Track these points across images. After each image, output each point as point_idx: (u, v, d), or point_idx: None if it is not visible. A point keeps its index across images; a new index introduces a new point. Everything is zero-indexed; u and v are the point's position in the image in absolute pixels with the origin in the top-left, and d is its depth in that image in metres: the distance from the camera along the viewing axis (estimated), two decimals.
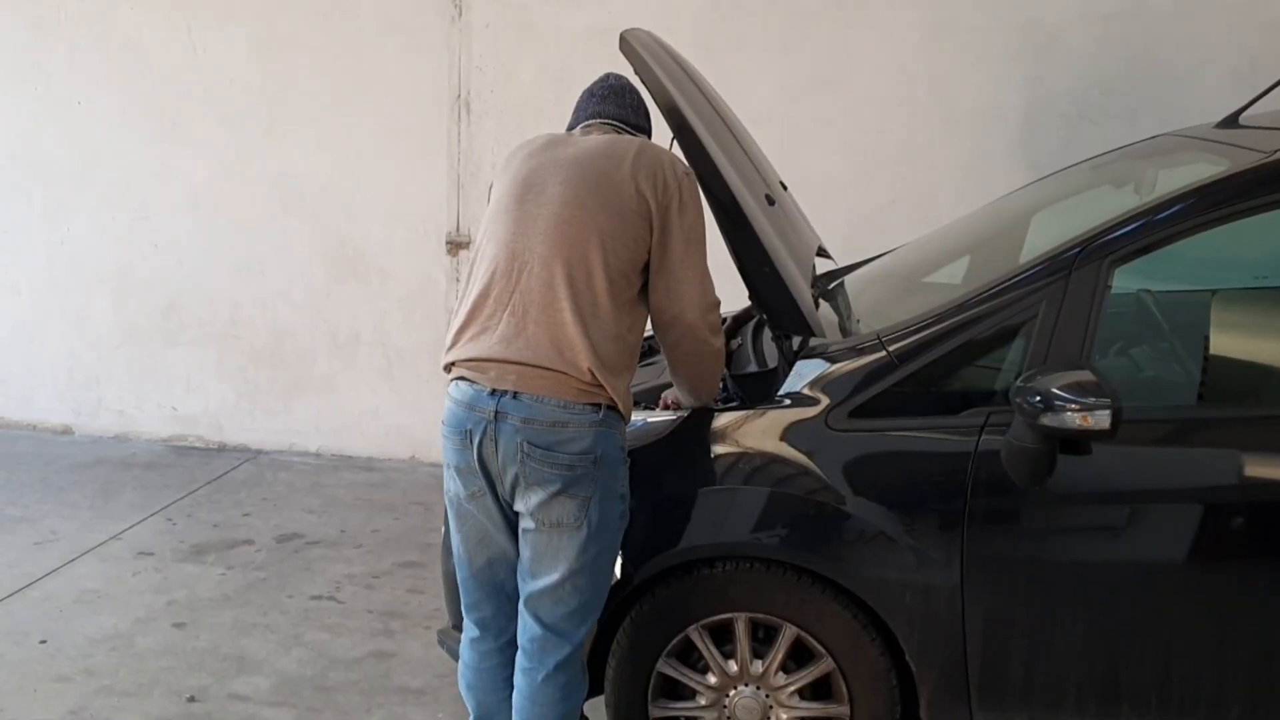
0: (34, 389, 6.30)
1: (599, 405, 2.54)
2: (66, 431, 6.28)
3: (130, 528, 4.93)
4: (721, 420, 2.88)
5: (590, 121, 2.80)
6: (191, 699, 3.59)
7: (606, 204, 2.55)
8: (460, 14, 5.47)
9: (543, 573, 2.61)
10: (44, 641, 3.93)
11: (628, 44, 2.87)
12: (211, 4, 5.73)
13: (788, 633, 2.80)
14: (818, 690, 2.86)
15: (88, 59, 5.91)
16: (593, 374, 2.50)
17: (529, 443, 2.50)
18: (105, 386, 6.22)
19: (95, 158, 5.99)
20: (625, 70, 2.88)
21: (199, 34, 5.76)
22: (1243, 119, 3.44)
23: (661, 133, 2.82)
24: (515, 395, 2.51)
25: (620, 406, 2.58)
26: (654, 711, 2.94)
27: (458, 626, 3.08)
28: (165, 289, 6.05)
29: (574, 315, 2.50)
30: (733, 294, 3.04)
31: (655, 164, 2.60)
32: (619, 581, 2.80)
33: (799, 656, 2.84)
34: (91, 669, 3.76)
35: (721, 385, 3.12)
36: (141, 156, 5.93)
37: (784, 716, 2.87)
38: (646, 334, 2.78)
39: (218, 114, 5.81)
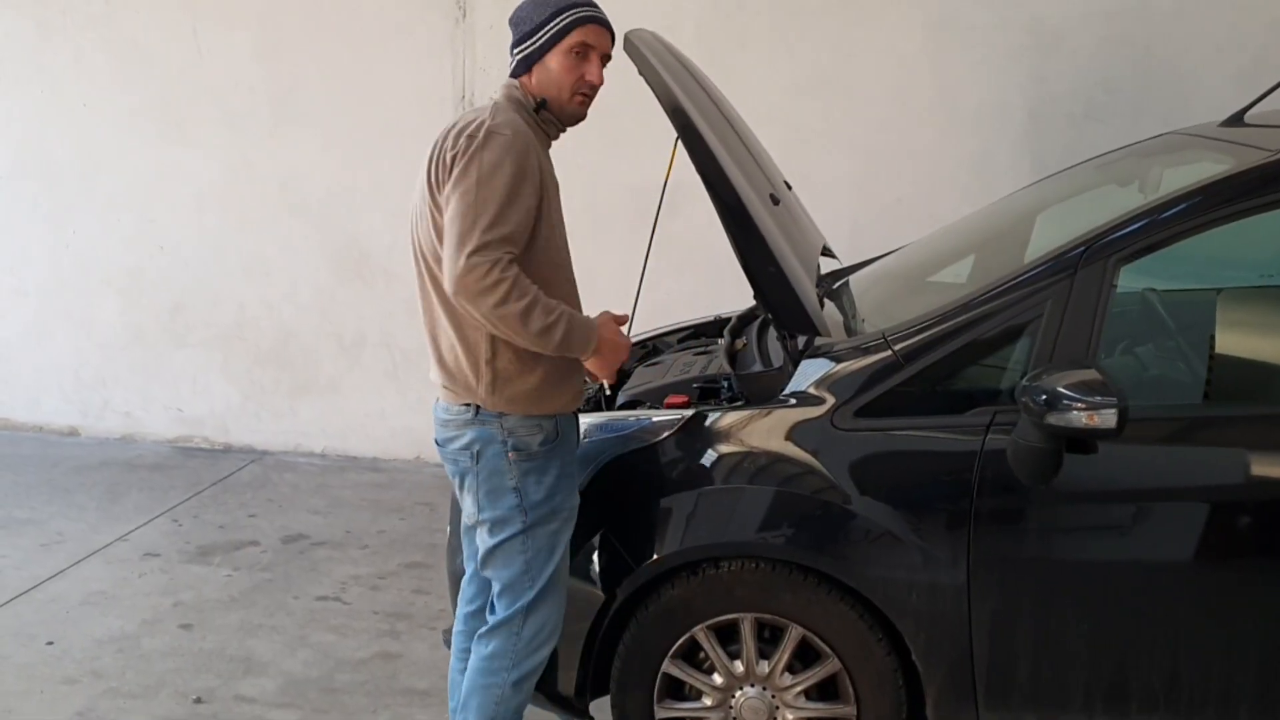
0: (41, 391, 6.32)
1: (469, 405, 2.67)
2: (73, 433, 6.30)
3: (136, 529, 4.94)
4: (727, 419, 2.88)
5: None
6: (198, 700, 3.60)
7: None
8: (464, 16, 5.47)
9: (471, 556, 2.91)
10: (51, 643, 3.94)
11: (632, 44, 2.87)
12: (217, 6, 5.74)
13: (794, 633, 2.80)
14: (824, 690, 2.86)
15: (93, 61, 5.92)
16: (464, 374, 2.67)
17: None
18: (111, 388, 6.23)
19: (101, 160, 6.00)
20: (628, 70, 2.88)
21: (204, 36, 5.77)
22: (1247, 117, 3.43)
23: (666, 132, 2.82)
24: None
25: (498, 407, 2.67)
26: (659, 712, 2.94)
27: None
28: (171, 290, 6.06)
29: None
30: (738, 293, 3.04)
31: (454, 133, 2.60)
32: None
33: (805, 657, 2.84)
34: (98, 670, 3.77)
35: (726, 384, 3.13)
36: (147, 158, 5.94)
37: (790, 717, 2.87)
38: (652, 334, 2.80)
39: (223, 116, 5.82)
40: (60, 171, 6.06)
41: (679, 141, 2.83)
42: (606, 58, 2.71)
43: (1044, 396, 2.43)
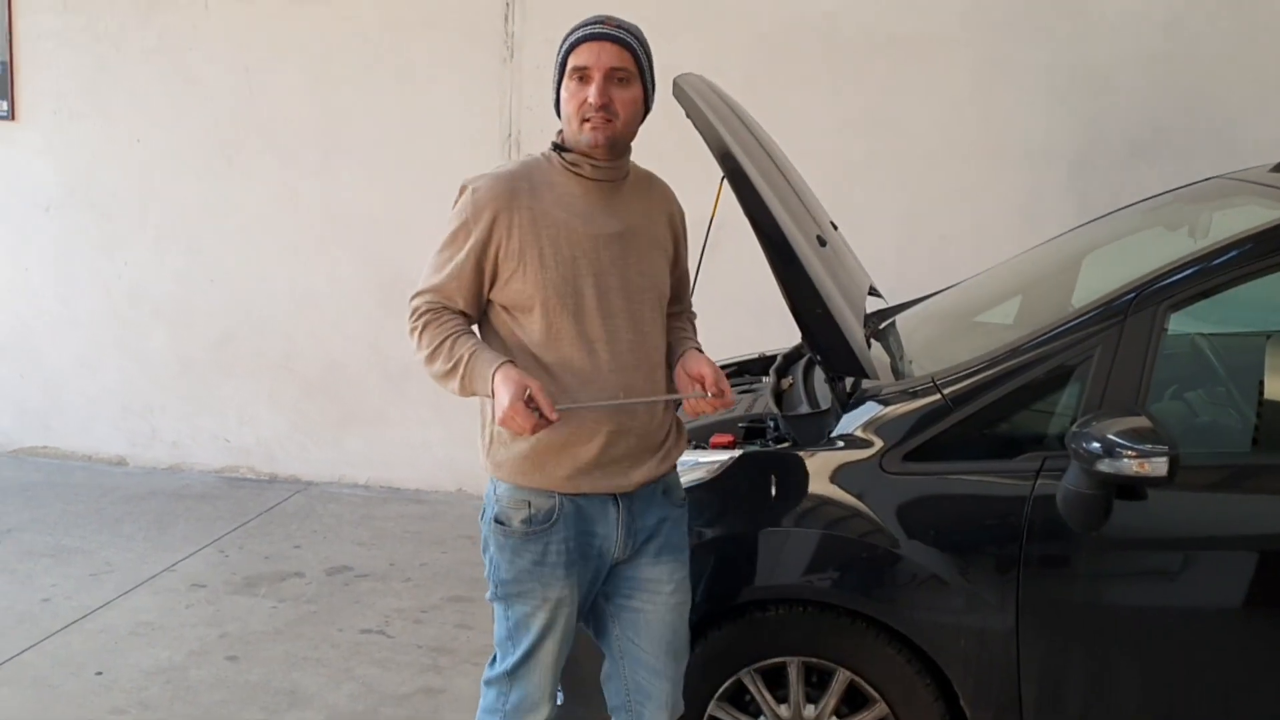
0: (90, 420, 6.40)
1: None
2: (121, 462, 6.37)
3: (184, 559, 4.99)
4: (773, 460, 2.89)
5: None
6: None
7: None
8: (511, 55, 5.53)
9: None
10: (100, 673, 3.98)
11: (680, 89, 2.88)
12: (269, 43, 5.84)
13: (841, 677, 2.79)
14: None
15: (147, 96, 6.03)
16: None
17: None
18: (160, 418, 6.31)
19: (153, 192, 6.10)
20: (677, 114, 2.90)
21: (256, 72, 5.87)
22: None
23: (710, 167, 2.82)
24: None
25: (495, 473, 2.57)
26: None
27: None
28: (220, 321, 6.14)
29: None
30: (783, 330, 3.04)
31: None
32: None
33: (853, 701, 2.83)
34: (146, 701, 3.80)
35: (773, 424, 3.14)
36: (198, 191, 6.03)
37: None
38: None
39: (273, 150, 5.91)
40: (113, 203, 6.16)
41: (724, 181, 2.85)
42: (621, 73, 2.46)
43: (1095, 443, 2.43)
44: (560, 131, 2.55)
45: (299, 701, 3.82)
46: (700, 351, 2.64)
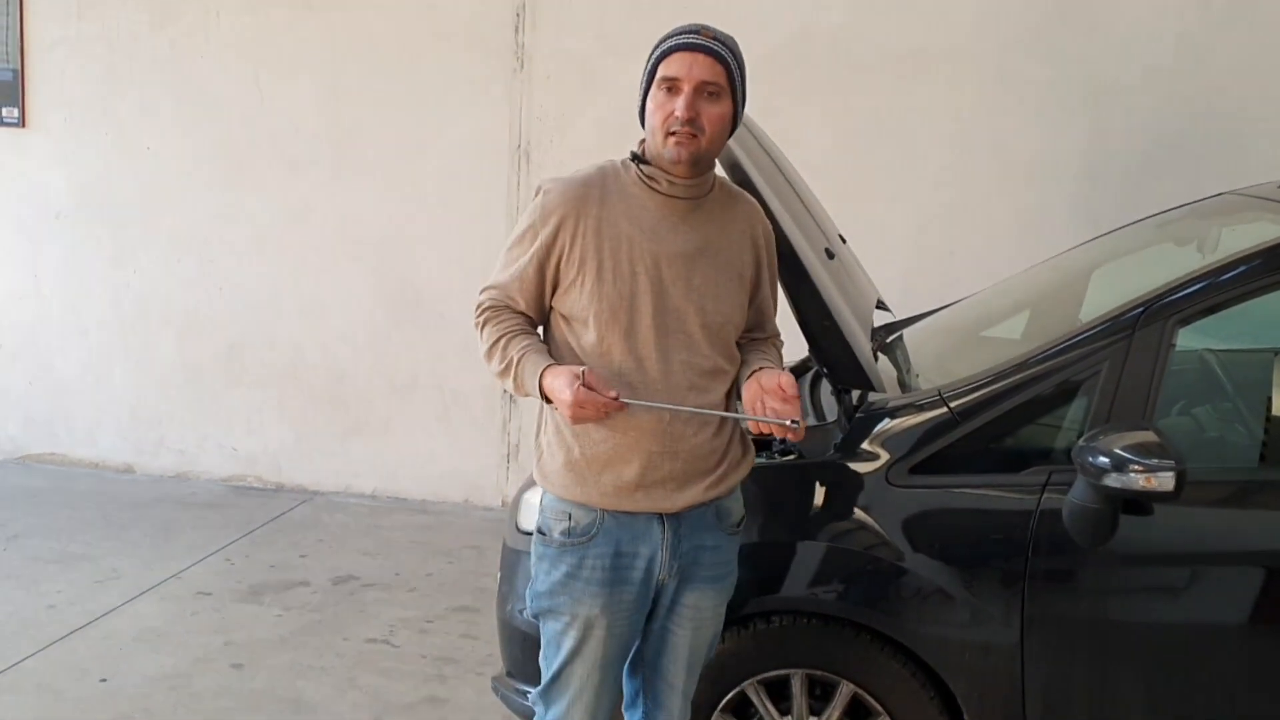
0: (98, 427, 6.41)
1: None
2: (128, 470, 6.38)
3: (190, 567, 4.99)
4: (778, 472, 2.89)
5: None
6: None
7: None
8: (522, 66, 5.54)
9: None
10: (104, 680, 3.98)
11: None
12: (280, 54, 5.86)
13: (845, 690, 2.79)
14: None
15: (159, 105, 6.05)
16: None
17: None
18: (167, 426, 6.32)
19: (163, 201, 6.11)
20: None
21: (267, 83, 5.89)
22: None
23: None
24: None
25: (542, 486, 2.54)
26: None
27: (511, 674, 3.09)
28: (228, 330, 6.15)
29: None
30: (793, 346, 3.04)
31: None
32: None
33: (856, 714, 2.83)
34: (150, 709, 3.80)
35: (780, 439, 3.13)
36: (208, 201, 6.05)
37: None
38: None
39: (284, 160, 5.93)
40: (123, 212, 6.18)
41: None
42: (712, 87, 2.35)
43: (1101, 458, 2.42)
44: (642, 141, 2.46)
45: (303, 710, 3.82)
46: (778, 369, 2.50)
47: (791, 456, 2.95)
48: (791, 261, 2.79)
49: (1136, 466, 2.39)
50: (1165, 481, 2.39)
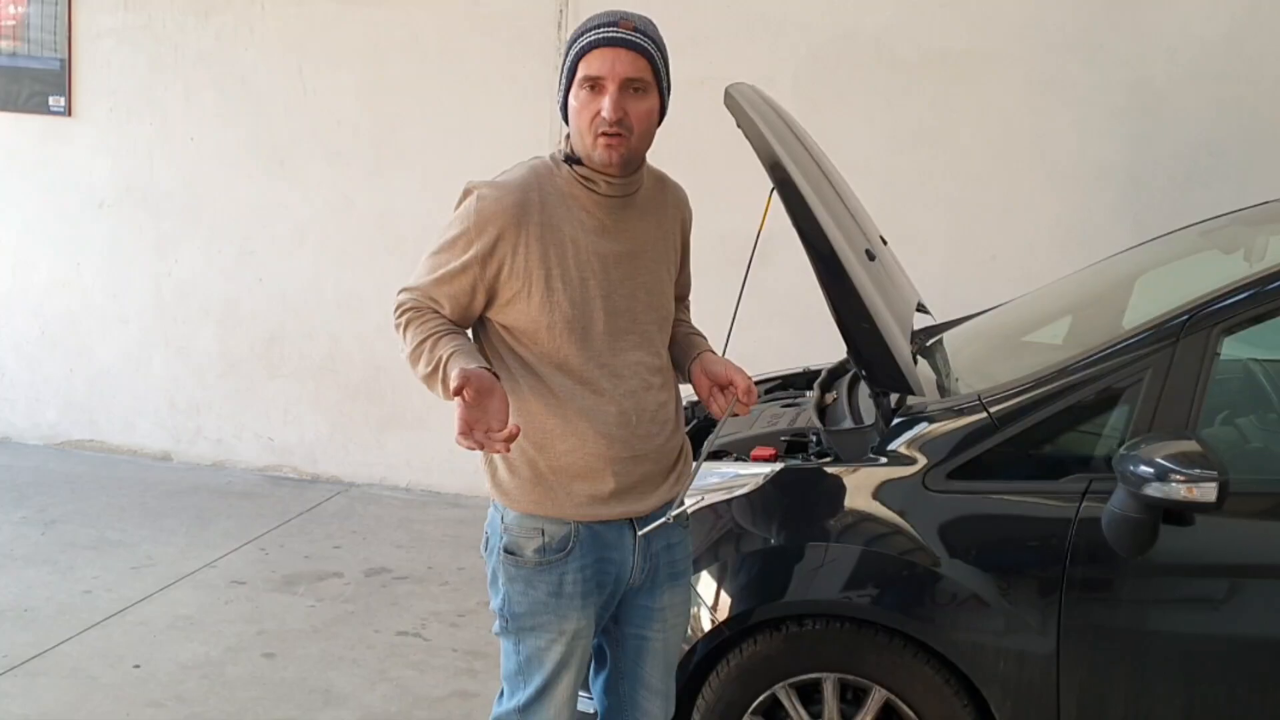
0: (137, 415, 6.46)
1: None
2: (165, 458, 6.42)
3: (224, 556, 5.02)
4: (814, 475, 2.87)
5: None
6: None
7: None
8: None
9: None
10: (138, 666, 4.01)
11: (732, 98, 2.86)
12: (323, 47, 5.89)
13: (877, 695, 2.76)
14: None
15: (202, 97, 6.09)
16: None
17: None
18: (205, 415, 6.36)
19: (205, 192, 6.16)
20: (717, 115, 2.88)
21: (310, 75, 5.91)
22: None
23: (756, 178, 2.80)
24: None
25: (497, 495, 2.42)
26: None
27: None
28: (268, 322, 6.18)
29: None
30: (829, 345, 3.02)
31: None
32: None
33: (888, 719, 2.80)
34: (182, 695, 3.82)
35: (815, 439, 3.12)
36: (250, 192, 6.09)
37: None
38: None
39: (325, 153, 5.95)
40: (165, 202, 6.22)
41: (773, 191, 2.83)
42: (637, 84, 2.24)
43: (1142, 467, 2.39)
44: (568, 138, 2.34)
45: (333, 701, 3.83)
46: (714, 353, 2.52)
47: (827, 459, 2.93)
48: (831, 263, 2.78)
49: (1178, 476, 2.35)
50: (1207, 492, 2.35)
